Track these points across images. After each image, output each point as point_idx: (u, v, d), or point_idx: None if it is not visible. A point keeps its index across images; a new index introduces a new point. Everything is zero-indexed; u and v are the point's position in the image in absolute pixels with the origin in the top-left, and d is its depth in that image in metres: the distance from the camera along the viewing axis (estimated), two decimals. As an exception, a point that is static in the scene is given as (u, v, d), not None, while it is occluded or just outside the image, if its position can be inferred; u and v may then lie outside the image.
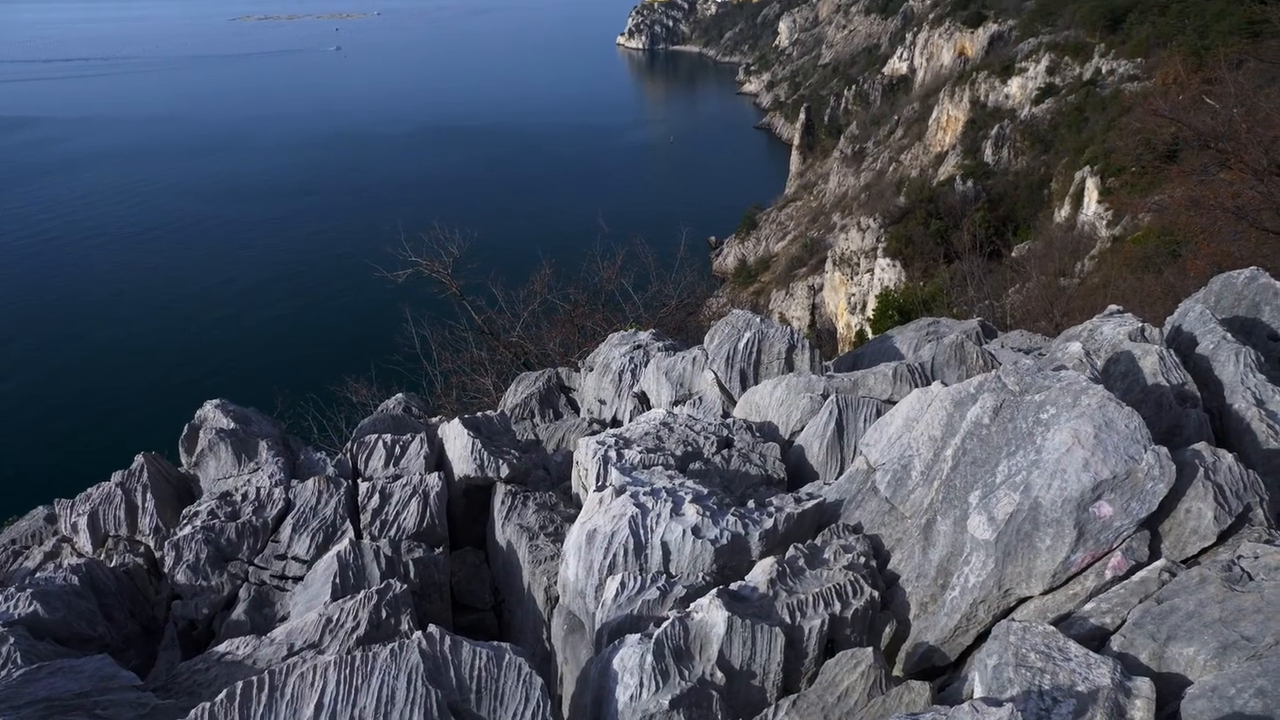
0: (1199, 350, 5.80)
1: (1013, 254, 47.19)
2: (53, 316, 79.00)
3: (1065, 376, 4.72)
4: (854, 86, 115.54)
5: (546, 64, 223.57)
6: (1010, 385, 4.85)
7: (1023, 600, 4.36)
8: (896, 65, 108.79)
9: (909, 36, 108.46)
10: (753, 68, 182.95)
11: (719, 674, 4.11)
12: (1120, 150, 43.96)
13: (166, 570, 6.26)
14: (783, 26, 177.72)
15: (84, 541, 7.00)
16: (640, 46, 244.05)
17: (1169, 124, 21.41)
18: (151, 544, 6.95)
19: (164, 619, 6.21)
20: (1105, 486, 4.21)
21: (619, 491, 5.25)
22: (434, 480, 6.77)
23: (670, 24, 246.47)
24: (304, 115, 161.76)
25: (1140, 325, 5.99)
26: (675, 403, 8.25)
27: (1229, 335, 5.71)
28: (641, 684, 4.04)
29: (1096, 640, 3.92)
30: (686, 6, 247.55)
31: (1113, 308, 6.58)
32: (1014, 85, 74.77)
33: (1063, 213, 55.52)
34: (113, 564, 6.57)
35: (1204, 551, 4.24)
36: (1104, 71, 65.16)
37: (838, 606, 4.40)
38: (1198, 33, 50.69)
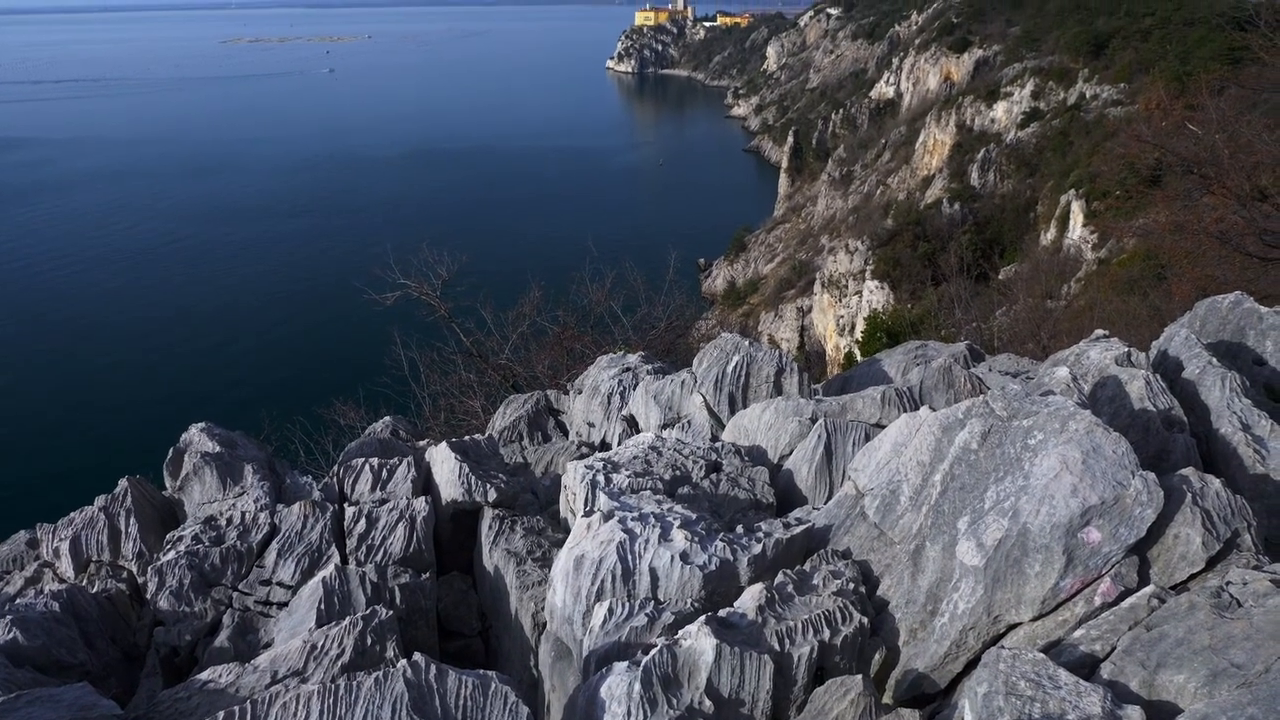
0: (1185, 375, 5.83)
1: (1000, 276, 47.54)
2: (38, 337, 78.39)
3: (1053, 402, 4.73)
4: (841, 110, 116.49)
5: (536, 87, 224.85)
6: (998, 410, 4.86)
7: (1012, 627, 4.34)
8: (883, 89, 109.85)
9: (895, 61, 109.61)
10: (741, 91, 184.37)
11: (707, 702, 4.07)
12: (1105, 174, 44.52)
13: (149, 596, 6.18)
14: (770, 51, 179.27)
15: (66, 566, 6.91)
16: (630, 70, 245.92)
17: (1152, 149, 21.62)
18: (134, 569, 6.87)
19: (146, 646, 6.12)
20: (1094, 512, 4.21)
21: (607, 517, 5.22)
22: (421, 505, 6.71)
23: (659, 48, 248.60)
24: (296, 138, 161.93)
25: (1126, 350, 6.01)
26: (664, 426, 8.24)
27: (1214, 360, 5.75)
28: (629, 712, 3.99)
29: (1086, 668, 3.91)
30: (675, 31, 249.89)
31: (1099, 332, 6.61)
32: (999, 109, 75.62)
33: (1049, 235, 56.02)
34: (95, 589, 6.48)
35: (1193, 577, 4.24)
36: (1088, 96, 66.00)
37: (827, 633, 4.38)
38: (1179, 59, 51.44)
